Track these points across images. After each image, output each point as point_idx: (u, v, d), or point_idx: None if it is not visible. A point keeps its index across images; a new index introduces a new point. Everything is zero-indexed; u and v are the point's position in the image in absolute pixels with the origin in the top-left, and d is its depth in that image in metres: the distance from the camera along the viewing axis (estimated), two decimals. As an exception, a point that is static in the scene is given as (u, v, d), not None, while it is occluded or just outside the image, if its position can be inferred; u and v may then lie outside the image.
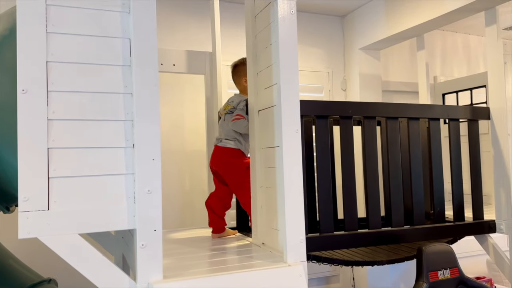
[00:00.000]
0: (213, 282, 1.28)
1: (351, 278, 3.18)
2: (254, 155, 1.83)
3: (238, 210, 2.31)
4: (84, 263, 1.21)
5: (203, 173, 2.75)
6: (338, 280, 3.20)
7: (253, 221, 1.85)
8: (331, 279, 3.17)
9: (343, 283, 3.19)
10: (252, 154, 1.85)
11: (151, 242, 1.26)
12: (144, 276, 1.25)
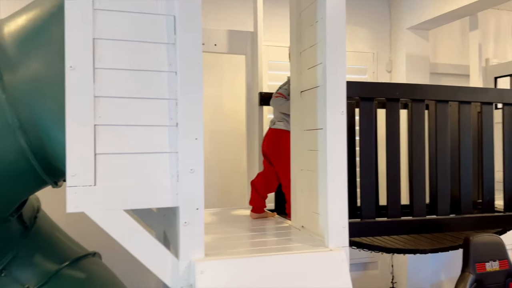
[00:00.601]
0: (255, 263, 1.27)
1: (390, 266, 3.11)
2: (295, 138, 1.79)
3: (278, 194, 2.29)
4: (128, 239, 1.24)
5: (242, 155, 2.74)
6: (377, 267, 3.14)
7: (293, 204, 1.83)
8: (369, 265, 3.11)
9: (382, 270, 3.13)
10: (293, 136, 1.81)
11: (193, 220, 1.26)
12: (186, 254, 1.26)
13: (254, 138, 2.42)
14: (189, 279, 1.25)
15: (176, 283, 1.26)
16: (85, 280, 1.86)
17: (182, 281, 1.26)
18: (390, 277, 3.12)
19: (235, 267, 1.25)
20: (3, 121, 1.30)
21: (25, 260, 1.74)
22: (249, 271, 1.25)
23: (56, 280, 1.77)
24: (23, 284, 1.71)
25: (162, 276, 1.26)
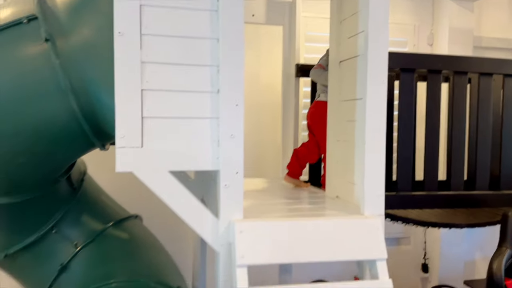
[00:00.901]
0: (292, 226, 1.31)
1: (423, 242, 3.10)
2: (333, 108, 1.79)
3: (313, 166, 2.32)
4: (173, 199, 1.31)
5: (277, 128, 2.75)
6: (409, 243, 3.14)
7: (328, 174, 1.85)
8: (401, 240, 3.11)
9: (414, 246, 3.13)
10: (331, 107, 1.82)
11: (233, 183, 1.31)
12: (226, 215, 1.32)
13: (290, 111, 2.43)
14: (229, 238, 1.31)
15: (216, 241, 1.33)
16: (128, 240, 1.97)
17: (222, 240, 1.32)
18: (422, 253, 3.11)
19: (273, 228, 1.29)
20: (57, 85, 1.37)
21: (74, 219, 1.86)
22: (286, 233, 1.30)
23: (101, 239, 1.88)
24: (72, 241, 1.83)
25: (204, 235, 1.33)
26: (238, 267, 1.23)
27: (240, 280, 1.21)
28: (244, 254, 1.24)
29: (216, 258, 1.37)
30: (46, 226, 1.76)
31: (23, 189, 1.60)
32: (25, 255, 1.78)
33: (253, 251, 1.25)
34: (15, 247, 1.74)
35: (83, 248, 1.83)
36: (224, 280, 1.33)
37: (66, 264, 1.79)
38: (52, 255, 1.81)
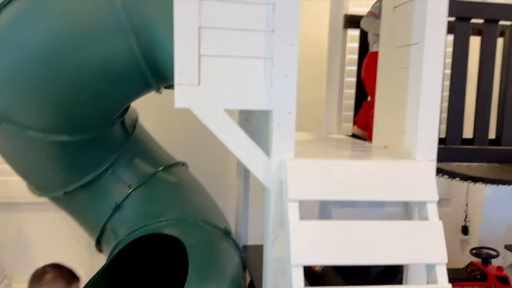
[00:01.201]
0: (342, 166, 1.33)
1: (464, 204, 3.06)
2: (384, 56, 1.76)
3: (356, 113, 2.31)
4: (227, 135, 1.35)
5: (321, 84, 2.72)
6: (449, 204, 3.11)
7: (376, 124, 1.84)
8: (442, 202, 3.05)
9: (455, 208, 3.09)
10: (382, 54, 1.79)
11: (285, 123, 1.34)
12: (277, 153, 1.35)
13: (335, 66, 2.40)
14: (280, 176, 1.35)
15: (267, 179, 1.37)
16: (177, 184, 2.07)
17: (273, 178, 1.36)
18: (463, 215, 3.08)
19: (324, 167, 1.32)
20: (117, 23, 1.42)
21: (127, 162, 1.96)
22: (336, 172, 1.32)
23: (152, 181, 1.98)
24: (125, 182, 1.94)
25: (256, 173, 1.37)
26: (289, 201, 1.27)
27: (291, 213, 1.25)
28: (295, 189, 1.27)
29: (267, 195, 1.42)
30: (102, 166, 1.87)
31: (82, 128, 1.69)
32: (82, 193, 1.90)
33: (304, 187, 1.29)
34: (73, 185, 1.86)
35: (136, 189, 1.93)
36: (275, 215, 1.38)
37: (120, 203, 1.91)
38: (107, 195, 1.92)
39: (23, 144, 1.69)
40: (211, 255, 1.76)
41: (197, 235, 1.78)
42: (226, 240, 1.90)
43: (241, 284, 1.84)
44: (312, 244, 1.24)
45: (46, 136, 1.61)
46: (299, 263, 1.21)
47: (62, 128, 1.65)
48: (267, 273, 1.43)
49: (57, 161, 1.79)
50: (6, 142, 1.74)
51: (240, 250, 1.97)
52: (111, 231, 1.91)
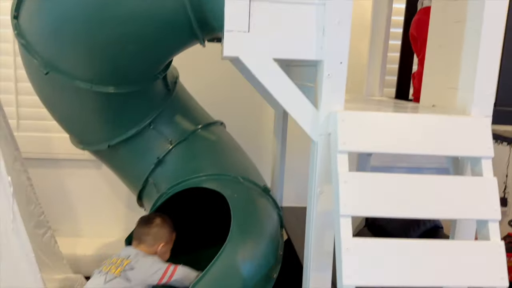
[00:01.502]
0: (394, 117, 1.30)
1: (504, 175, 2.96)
2: (437, 10, 1.68)
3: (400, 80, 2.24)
4: (275, 86, 1.33)
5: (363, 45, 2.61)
6: (490, 175, 3.01)
7: (425, 82, 1.77)
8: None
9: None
10: (434, 9, 1.70)
11: (336, 73, 1.30)
12: (327, 105, 1.32)
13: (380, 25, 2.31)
14: (328, 128, 1.33)
15: (315, 131, 1.35)
16: (216, 141, 2.08)
17: (321, 130, 1.34)
18: (502, 186, 2.99)
19: (375, 119, 1.28)
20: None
21: (168, 119, 1.98)
22: (387, 125, 1.28)
23: (193, 138, 2.00)
24: (167, 138, 1.96)
25: (303, 124, 1.35)
26: (339, 153, 1.24)
27: (340, 165, 1.24)
28: (345, 141, 1.25)
29: (313, 149, 1.40)
30: (145, 121, 1.89)
31: (127, 80, 1.70)
32: (125, 147, 1.94)
33: (353, 139, 1.26)
34: (117, 139, 1.89)
35: (177, 145, 1.95)
36: (321, 169, 1.36)
37: (162, 158, 1.93)
38: (149, 149, 1.95)
39: (70, 95, 1.72)
40: (252, 210, 1.77)
41: (238, 191, 1.80)
42: (265, 198, 1.91)
43: (279, 241, 1.86)
44: (361, 195, 1.22)
45: (93, 86, 1.63)
46: (348, 214, 1.20)
47: (108, 79, 1.66)
48: (311, 228, 1.43)
49: (102, 114, 1.82)
50: (53, 93, 1.77)
51: (279, 208, 1.97)
52: (153, 185, 1.95)
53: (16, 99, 2.56)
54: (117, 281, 1.46)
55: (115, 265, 1.51)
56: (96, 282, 1.48)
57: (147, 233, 1.67)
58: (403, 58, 2.28)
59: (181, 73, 2.15)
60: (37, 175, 2.19)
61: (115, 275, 1.47)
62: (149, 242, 1.66)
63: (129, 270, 1.49)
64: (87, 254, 2.51)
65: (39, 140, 2.61)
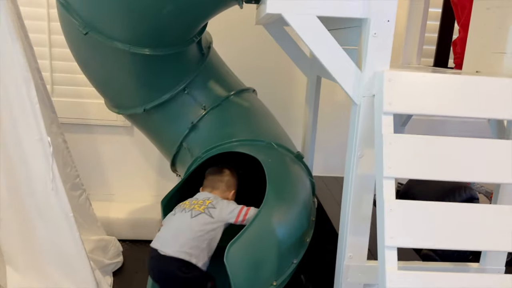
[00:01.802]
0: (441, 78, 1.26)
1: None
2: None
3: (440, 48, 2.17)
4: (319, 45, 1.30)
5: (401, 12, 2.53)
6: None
7: (468, 47, 1.71)
8: None
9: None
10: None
11: (383, 32, 1.27)
12: (372, 65, 1.29)
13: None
14: (372, 89, 1.30)
15: (358, 93, 1.33)
16: (249, 108, 2.07)
17: (365, 91, 1.31)
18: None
19: (422, 80, 1.25)
20: None
21: (202, 84, 1.97)
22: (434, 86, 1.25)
23: (226, 104, 1.99)
24: (200, 104, 1.95)
25: (345, 86, 1.33)
26: (384, 114, 1.22)
27: (385, 126, 1.21)
28: (391, 101, 1.22)
29: (354, 111, 1.37)
30: (180, 86, 1.89)
31: (164, 42, 1.69)
32: (160, 111, 1.95)
33: (399, 100, 1.23)
34: (152, 103, 1.90)
35: (210, 111, 1.95)
36: (362, 132, 1.34)
37: (195, 123, 1.94)
38: (184, 115, 1.96)
39: (107, 57, 1.73)
40: (286, 175, 1.77)
41: (272, 156, 1.79)
42: (298, 164, 1.90)
43: (311, 207, 1.86)
44: (406, 157, 1.20)
45: (131, 48, 1.63)
46: (392, 176, 1.19)
47: (145, 41, 1.66)
48: (350, 191, 1.42)
49: (139, 77, 1.82)
50: (91, 55, 1.78)
51: (311, 175, 1.97)
52: (187, 150, 1.96)
53: (50, 64, 2.60)
54: (202, 217, 1.56)
55: (197, 204, 1.61)
56: (182, 217, 1.58)
57: (220, 181, 1.77)
58: (443, 24, 2.20)
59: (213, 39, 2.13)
60: (71, 140, 2.23)
61: (200, 211, 1.58)
62: (222, 189, 1.75)
63: (211, 208, 1.60)
64: (119, 218, 2.58)
65: (73, 106, 2.65)
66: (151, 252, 1.55)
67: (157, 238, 1.57)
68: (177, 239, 1.52)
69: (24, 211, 1.83)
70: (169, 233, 1.56)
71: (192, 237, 1.52)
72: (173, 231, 1.55)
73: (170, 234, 1.55)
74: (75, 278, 1.88)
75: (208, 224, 1.56)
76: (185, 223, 1.55)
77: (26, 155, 1.76)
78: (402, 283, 1.12)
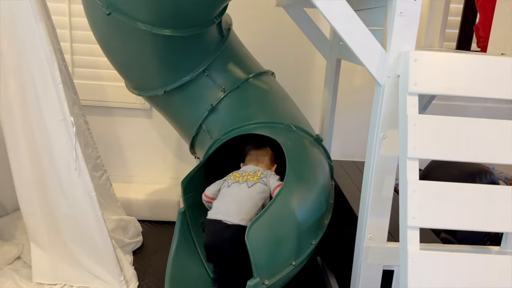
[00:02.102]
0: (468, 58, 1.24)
1: None
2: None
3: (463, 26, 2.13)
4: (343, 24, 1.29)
5: None
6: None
7: (493, 30, 1.68)
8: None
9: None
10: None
11: (409, 11, 1.25)
12: (397, 45, 1.28)
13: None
14: (397, 70, 1.29)
15: (382, 73, 1.32)
16: (268, 90, 2.07)
17: (390, 72, 1.30)
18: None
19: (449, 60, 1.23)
20: None
21: (221, 66, 1.97)
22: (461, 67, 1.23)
23: (245, 86, 1.99)
24: (220, 86, 1.96)
25: (370, 67, 1.32)
26: (409, 94, 1.21)
27: (410, 107, 1.20)
28: (416, 82, 1.21)
29: (378, 92, 1.37)
30: (200, 67, 1.90)
31: (186, 23, 1.70)
32: (180, 93, 1.96)
33: (425, 80, 1.22)
34: (173, 85, 1.91)
35: (229, 93, 1.96)
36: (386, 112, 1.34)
37: (215, 105, 1.95)
38: (203, 97, 1.97)
39: (130, 38, 1.74)
40: (305, 157, 1.77)
41: (291, 138, 1.79)
42: (317, 147, 1.90)
43: (330, 190, 1.86)
44: (430, 139, 1.19)
45: (153, 29, 1.64)
46: (416, 157, 1.18)
47: (167, 21, 1.66)
48: (371, 172, 1.42)
49: (160, 58, 1.83)
50: (113, 36, 1.80)
51: (330, 158, 1.97)
52: (206, 132, 1.97)
53: (70, 46, 2.62)
54: (258, 186, 1.65)
55: (249, 175, 1.69)
56: (240, 188, 1.64)
57: (264, 155, 1.85)
58: (467, 7, 2.15)
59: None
60: (90, 122, 2.26)
61: (255, 181, 1.66)
62: (266, 163, 1.84)
63: (263, 178, 1.69)
64: (139, 199, 2.62)
65: (93, 88, 2.68)
66: (212, 225, 1.59)
67: (216, 210, 1.61)
68: (240, 208, 1.58)
69: (48, 190, 1.88)
70: (231, 204, 1.60)
71: (252, 205, 1.60)
72: (235, 201, 1.60)
73: (232, 204, 1.59)
74: (97, 256, 1.93)
75: (263, 192, 1.65)
76: (244, 193, 1.62)
77: (50, 135, 1.79)
78: (424, 263, 1.13)
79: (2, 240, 2.21)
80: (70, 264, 1.97)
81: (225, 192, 1.66)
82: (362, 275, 1.48)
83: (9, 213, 2.40)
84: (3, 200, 2.39)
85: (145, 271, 2.15)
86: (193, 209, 1.85)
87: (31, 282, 1.97)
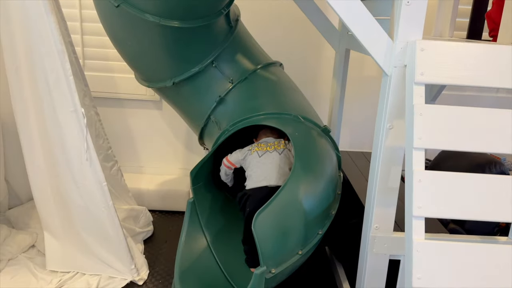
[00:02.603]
0: (476, 48, 1.23)
1: None
2: None
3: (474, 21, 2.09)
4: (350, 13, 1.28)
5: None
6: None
7: (504, 19, 1.65)
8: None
9: None
10: None
11: (416, 0, 1.24)
12: (404, 35, 1.27)
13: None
14: (404, 60, 1.28)
15: (389, 63, 1.31)
16: (276, 82, 2.07)
17: (396, 62, 1.30)
18: None
19: (457, 50, 1.22)
20: None
21: (230, 57, 1.98)
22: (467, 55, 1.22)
23: (253, 77, 2.00)
24: (228, 77, 1.97)
25: (376, 56, 1.32)
26: (415, 84, 1.21)
27: (416, 96, 1.20)
28: (423, 71, 1.20)
29: (384, 82, 1.36)
30: (208, 59, 1.90)
31: (194, 14, 1.71)
32: (188, 85, 1.97)
33: (433, 70, 1.21)
34: (181, 76, 1.93)
35: (237, 84, 1.96)
36: (393, 102, 1.33)
37: (223, 96, 1.96)
38: (211, 88, 1.98)
39: (138, 30, 1.75)
40: (313, 148, 1.78)
41: (299, 129, 1.80)
42: (325, 138, 1.90)
43: (337, 181, 1.87)
44: (437, 128, 1.19)
45: (161, 20, 1.65)
46: (422, 147, 1.18)
47: (175, 13, 1.67)
48: (378, 162, 1.42)
49: (168, 50, 1.85)
50: (122, 27, 1.81)
51: (337, 149, 1.97)
52: (214, 123, 1.99)
53: (81, 39, 2.65)
54: (286, 152, 1.80)
55: (275, 145, 1.82)
56: (272, 156, 1.78)
57: (274, 133, 1.92)
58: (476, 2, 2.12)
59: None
60: (101, 113, 2.29)
61: (283, 148, 1.81)
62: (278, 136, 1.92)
63: (287, 145, 1.83)
64: (149, 189, 2.66)
65: (103, 80, 2.72)
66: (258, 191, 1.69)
67: (259, 178, 1.72)
68: (278, 172, 1.72)
69: (60, 180, 1.92)
70: (270, 170, 1.73)
71: (287, 168, 1.75)
72: (272, 167, 1.74)
73: (271, 170, 1.73)
74: (109, 245, 1.98)
75: (291, 157, 1.78)
76: (278, 159, 1.76)
77: (61, 126, 1.83)
78: (429, 253, 1.14)
79: (17, 229, 2.28)
80: (83, 253, 2.02)
81: (258, 161, 1.77)
82: (368, 264, 1.49)
83: (23, 203, 2.46)
84: (18, 190, 2.45)
85: (155, 259, 2.20)
86: (202, 199, 1.88)
87: (45, 269, 2.02)
